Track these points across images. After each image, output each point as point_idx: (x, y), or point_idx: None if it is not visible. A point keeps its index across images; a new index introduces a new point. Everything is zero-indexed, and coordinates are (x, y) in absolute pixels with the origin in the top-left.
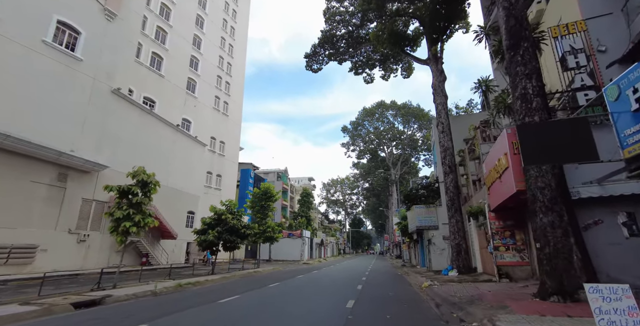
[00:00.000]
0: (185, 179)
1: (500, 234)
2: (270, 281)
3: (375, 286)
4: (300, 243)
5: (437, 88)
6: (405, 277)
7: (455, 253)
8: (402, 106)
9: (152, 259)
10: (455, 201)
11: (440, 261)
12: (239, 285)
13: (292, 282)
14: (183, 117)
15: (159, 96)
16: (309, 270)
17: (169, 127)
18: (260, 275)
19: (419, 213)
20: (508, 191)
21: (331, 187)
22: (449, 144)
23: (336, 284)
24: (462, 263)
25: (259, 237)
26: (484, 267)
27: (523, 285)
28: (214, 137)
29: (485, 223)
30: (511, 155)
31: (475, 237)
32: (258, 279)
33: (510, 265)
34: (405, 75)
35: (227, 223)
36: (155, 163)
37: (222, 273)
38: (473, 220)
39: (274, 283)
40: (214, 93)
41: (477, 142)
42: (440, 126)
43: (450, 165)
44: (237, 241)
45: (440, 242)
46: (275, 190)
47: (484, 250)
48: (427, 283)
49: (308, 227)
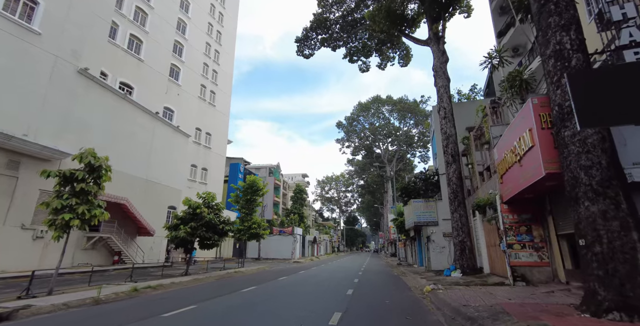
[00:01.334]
0: (166, 172)
1: (515, 229)
2: (246, 285)
3: (369, 290)
4: (291, 241)
5: (438, 70)
6: (402, 278)
7: (458, 251)
8: (398, 101)
9: (126, 257)
10: (458, 193)
11: (440, 260)
12: (206, 289)
13: (271, 286)
14: (165, 106)
15: (137, 82)
16: (297, 269)
17: (147, 114)
18: (241, 276)
19: (417, 208)
20: (532, 176)
21: (325, 184)
22: (452, 131)
23: (322, 288)
24: (467, 263)
25: (243, 233)
26: (492, 267)
27: (547, 291)
28: (199, 128)
29: (496, 217)
30: (538, 130)
31: (481, 233)
32: (235, 281)
33: (527, 265)
34: (403, 64)
35: (203, 218)
36: (132, 153)
37: (197, 274)
38: (479, 214)
39: (249, 287)
40: (200, 81)
41: (487, 124)
42: (442, 111)
43: (453, 154)
44: (214, 238)
45: (441, 239)
46: (262, 184)
47: (492, 248)
48: (429, 287)
49: (300, 224)
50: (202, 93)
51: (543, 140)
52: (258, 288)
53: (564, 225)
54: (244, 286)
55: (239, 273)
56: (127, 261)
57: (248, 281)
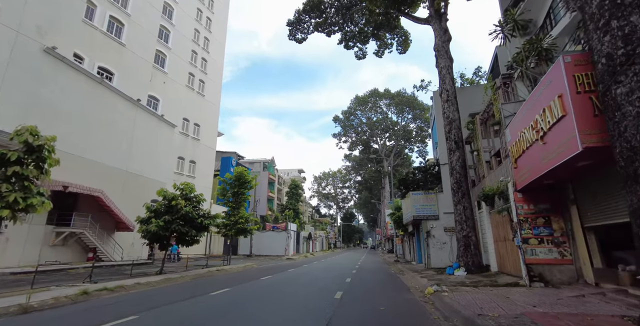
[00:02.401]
0: (150, 163)
1: (531, 222)
2: (221, 286)
3: (362, 293)
4: (284, 237)
5: (440, 49)
6: (400, 277)
7: (462, 247)
8: (396, 94)
9: (103, 255)
10: (462, 183)
11: (441, 257)
12: (171, 292)
13: (249, 287)
14: (150, 94)
15: (119, 68)
16: (287, 267)
17: (128, 102)
18: (222, 275)
19: (416, 200)
20: (561, 154)
21: (322, 180)
22: (455, 115)
23: (307, 290)
24: (472, 260)
25: (229, 229)
26: (501, 265)
27: (575, 295)
28: (186, 118)
29: (507, 208)
30: (572, 94)
31: (488, 226)
32: (211, 282)
33: (546, 263)
34: (401, 50)
35: (179, 211)
36: (110, 142)
37: (173, 273)
38: (486, 205)
39: (222, 289)
40: (188, 70)
41: (497, 103)
42: (444, 94)
43: (457, 140)
44: (192, 233)
45: (441, 235)
46: (250, 176)
47: (501, 243)
48: (431, 289)
49: (295, 220)
50: (190, 82)
51: (578, 107)
52: (231, 291)
53: (592, 216)
54: (217, 288)
55: (221, 271)
56: (105, 258)
57: (226, 281)
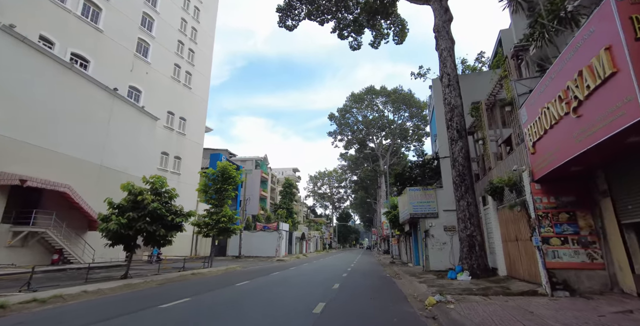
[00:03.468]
0: (129, 158)
1: (552, 218)
2: (184, 294)
3: (350, 304)
4: (275, 237)
5: (441, 30)
6: (395, 282)
7: (466, 248)
8: (393, 91)
9: (71, 256)
10: (465, 176)
11: (441, 259)
12: (121, 302)
13: (216, 296)
14: (131, 85)
15: (95, 55)
16: (273, 269)
17: (103, 91)
18: (196, 279)
19: (413, 197)
20: (610, 126)
21: (318, 180)
22: (457, 101)
23: (284, 301)
24: (477, 263)
25: (210, 228)
26: (512, 269)
27: (620, 311)
28: (171, 111)
29: (521, 202)
30: (628, 42)
31: (495, 225)
32: (176, 289)
33: (571, 268)
34: (398, 41)
35: (146, 207)
36: (82, 134)
37: (140, 277)
38: (494, 201)
39: (183, 299)
40: (174, 60)
41: (508, 81)
42: (445, 78)
43: (459, 129)
44: (161, 232)
45: (441, 234)
46: (235, 171)
47: (511, 243)
48: (434, 299)
49: (288, 219)
50: (175, 74)
51: (638, 58)
52: (190, 302)
53: (634, 210)
54: (177, 298)
55: (197, 275)
56: (74, 260)
57: (194, 287)
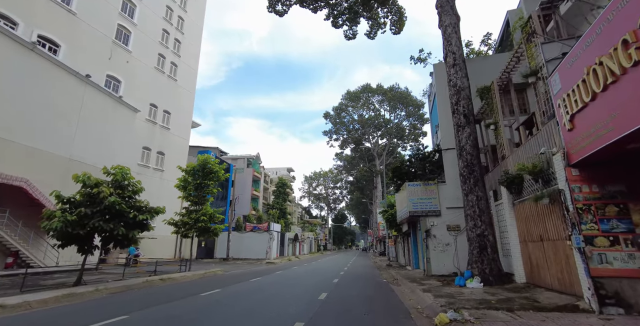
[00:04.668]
0: (104, 152)
1: (597, 212)
2: (125, 309)
3: (336, 323)
4: (266, 238)
5: (444, 5)
6: (394, 290)
7: (476, 250)
8: (389, 89)
9: (29, 259)
10: (474, 167)
11: (443, 262)
12: (36, 322)
13: (164, 312)
14: (109, 74)
15: (67, 39)
16: (259, 273)
17: (73, 77)
18: (162, 286)
19: (413, 193)
20: None
21: (313, 180)
22: (464, 82)
23: (254, 320)
24: (489, 267)
25: (188, 228)
26: (533, 274)
27: None
28: (154, 104)
29: (554, 192)
30: None
31: (511, 222)
32: (125, 301)
33: (625, 276)
34: (395, 30)
35: (102, 202)
36: (48, 123)
37: (95, 284)
38: (509, 194)
39: (119, 317)
40: (158, 50)
41: (532, 45)
42: (450, 57)
43: (467, 114)
44: (121, 231)
45: (444, 234)
46: (218, 165)
47: (533, 244)
48: (446, 317)
49: (280, 220)
50: (160, 64)
51: None
52: (126, 321)
53: None
54: (111, 315)
55: (167, 280)
56: (34, 264)
57: (151, 297)
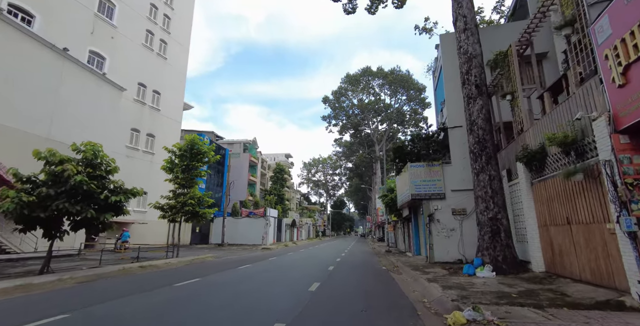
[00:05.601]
0: (86, 132)
1: None
2: (74, 304)
3: (327, 323)
4: (262, 224)
5: None
6: (395, 279)
7: (488, 235)
8: (390, 72)
9: (4, 245)
10: (487, 143)
11: (447, 248)
12: None
13: (118, 308)
14: (92, 49)
15: (42, 10)
16: (248, 260)
17: (49, 50)
18: (139, 274)
19: (416, 175)
20: None
21: (312, 167)
22: (476, 49)
23: (219, 320)
24: (502, 254)
25: (175, 212)
26: (554, 263)
27: None
28: (143, 83)
29: (590, 166)
30: None
31: (528, 204)
32: (87, 292)
33: None
34: (398, 4)
35: (68, 182)
36: (21, 100)
37: (62, 273)
38: (528, 172)
39: (62, 315)
40: (146, 26)
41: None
42: (460, 21)
43: (479, 84)
44: (90, 214)
45: (448, 219)
46: (206, 146)
47: (556, 228)
48: (462, 316)
49: (277, 206)
50: (148, 41)
51: None
52: (65, 320)
53: None
54: (60, 310)
55: (149, 268)
56: (10, 250)
57: (121, 287)
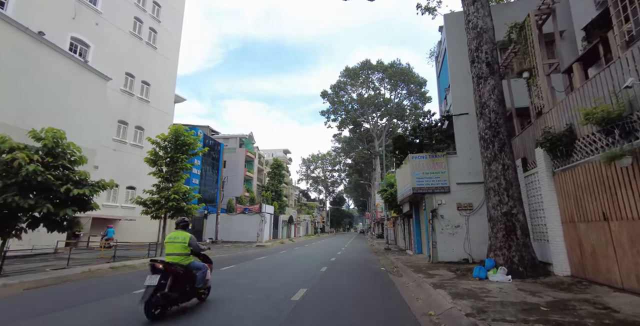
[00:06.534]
0: (66, 122)
1: None
2: None
3: None
4: (258, 220)
5: None
6: (395, 283)
7: (502, 232)
8: (390, 65)
9: None
10: (500, 128)
11: (452, 247)
12: None
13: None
14: (74, 36)
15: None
16: (236, 260)
17: (23, 34)
18: (106, 277)
19: (418, 166)
20: None
21: (311, 163)
22: (487, 22)
23: None
24: (519, 255)
25: (158, 207)
26: (583, 266)
27: None
28: (131, 73)
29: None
30: None
31: (550, 197)
32: (16, 306)
33: None
34: None
35: (19, 173)
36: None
37: (12, 276)
38: (550, 159)
39: None
40: (134, 13)
41: None
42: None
43: (490, 61)
44: (47, 209)
45: (453, 215)
46: (192, 137)
47: (589, 225)
48: None
49: (274, 202)
50: (136, 29)
51: None
52: None
53: None
54: None
55: (121, 269)
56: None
57: (66, 296)
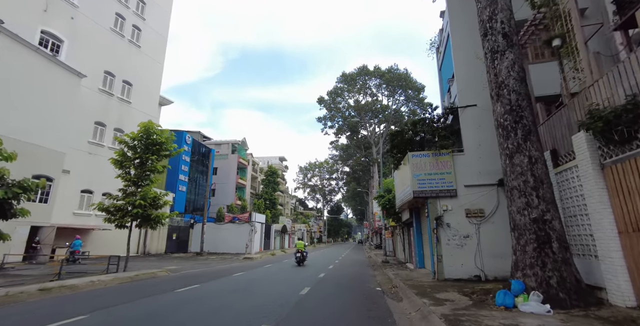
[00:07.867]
0: (33, 123)
1: None
2: None
3: None
4: (247, 230)
5: None
6: (393, 312)
7: (532, 244)
8: (387, 71)
9: None
10: (523, 112)
11: (461, 261)
12: None
13: None
14: (45, 29)
15: None
16: (211, 276)
17: None
18: (13, 307)
19: (419, 167)
20: None
21: (309, 171)
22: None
23: None
24: (557, 275)
25: (122, 215)
26: None
27: None
28: (110, 72)
29: None
30: None
31: (599, 198)
32: None
33: None
34: None
35: None
36: None
37: None
38: (597, 149)
39: None
40: (115, 9)
41: None
42: None
43: (507, 32)
44: None
45: (462, 223)
46: (166, 135)
47: None
48: None
49: (267, 210)
50: (118, 26)
51: None
52: None
53: None
54: None
55: (56, 290)
56: None
57: None
